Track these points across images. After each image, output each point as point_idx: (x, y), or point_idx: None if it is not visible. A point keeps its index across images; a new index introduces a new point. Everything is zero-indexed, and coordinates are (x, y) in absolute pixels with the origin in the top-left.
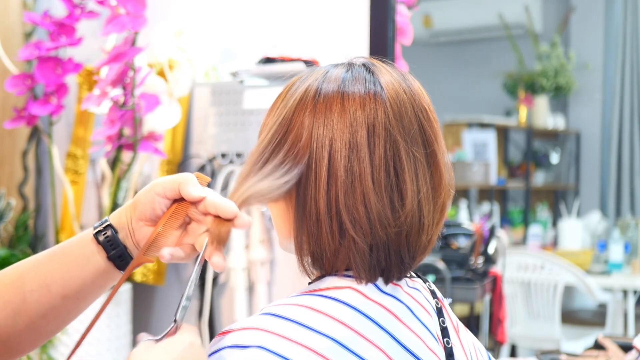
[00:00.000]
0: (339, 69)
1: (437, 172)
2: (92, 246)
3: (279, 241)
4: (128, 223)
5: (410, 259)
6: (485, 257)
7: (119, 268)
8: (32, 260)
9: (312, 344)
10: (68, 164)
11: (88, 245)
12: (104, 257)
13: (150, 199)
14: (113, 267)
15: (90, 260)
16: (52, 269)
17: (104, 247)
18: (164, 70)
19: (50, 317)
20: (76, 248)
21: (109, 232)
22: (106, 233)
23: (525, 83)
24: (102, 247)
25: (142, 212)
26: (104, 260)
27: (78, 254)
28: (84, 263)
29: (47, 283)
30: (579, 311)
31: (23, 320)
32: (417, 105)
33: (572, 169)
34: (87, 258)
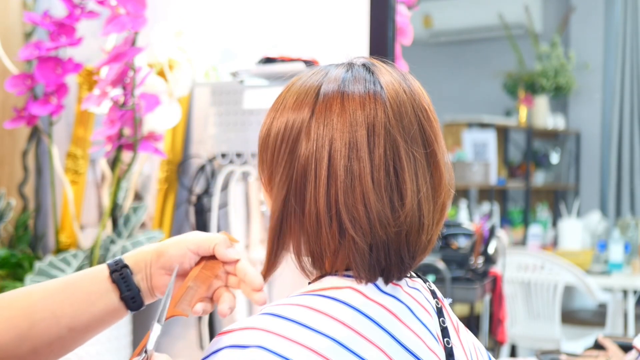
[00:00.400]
0: (339, 69)
1: (437, 172)
2: (106, 284)
3: None
4: (146, 267)
5: (410, 258)
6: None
7: (130, 309)
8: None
9: (312, 343)
10: (68, 164)
11: (102, 282)
12: (117, 296)
13: (181, 253)
14: (124, 307)
15: (103, 298)
16: (63, 301)
17: (119, 286)
18: (164, 70)
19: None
20: (89, 283)
21: (124, 272)
22: (122, 273)
23: (525, 83)
24: (116, 285)
25: (168, 262)
26: (117, 299)
27: (91, 290)
28: (96, 299)
29: (57, 314)
30: (579, 311)
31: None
32: (417, 105)
33: (572, 169)
34: (99, 295)
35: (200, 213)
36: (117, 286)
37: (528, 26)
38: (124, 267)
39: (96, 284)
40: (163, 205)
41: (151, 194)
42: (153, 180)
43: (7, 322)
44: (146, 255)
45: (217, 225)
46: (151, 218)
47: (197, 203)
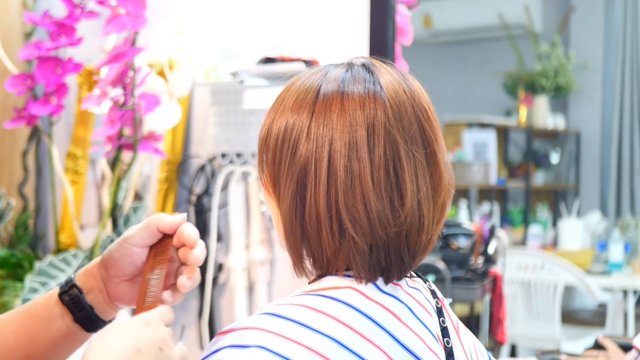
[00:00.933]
0: (338, 69)
1: (437, 171)
2: (57, 308)
3: (279, 241)
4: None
5: (410, 258)
6: (485, 257)
7: (86, 329)
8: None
9: (312, 343)
10: (68, 164)
11: (53, 307)
12: (69, 319)
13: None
14: (80, 328)
15: (55, 323)
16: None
17: (69, 309)
18: (164, 70)
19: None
20: (41, 309)
21: (73, 293)
22: (71, 294)
23: (525, 83)
24: (67, 308)
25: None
26: (70, 322)
27: (42, 316)
28: (48, 325)
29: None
30: (579, 311)
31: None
32: (417, 105)
33: (572, 169)
34: (51, 320)
35: (200, 213)
36: (67, 309)
37: (528, 26)
38: (72, 287)
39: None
40: (163, 205)
41: (151, 194)
42: (153, 180)
43: None
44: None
45: (217, 225)
46: None
47: (197, 203)
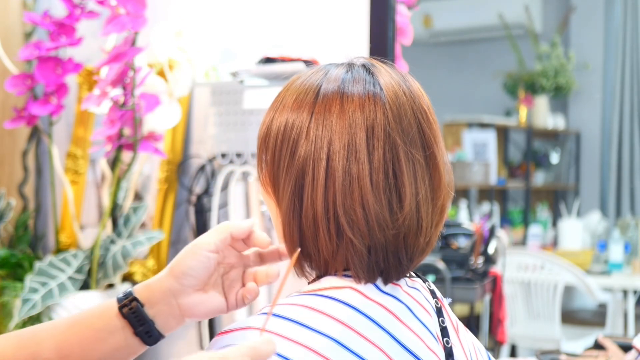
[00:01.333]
0: (339, 69)
1: (437, 174)
2: (117, 320)
3: (278, 241)
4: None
5: (408, 260)
6: (485, 257)
7: (147, 344)
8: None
9: (312, 343)
10: (68, 164)
11: (112, 319)
12: (130, 332)
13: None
14: (138, 342)
15: (114, 335)
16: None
17: (131, 323)
18: (164, 70)
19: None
20: (98, 320)
21: (134, 305)
22: (131, 307)
23: (525, 83)
24: (127, 322)
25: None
26: (131, 335)
27: (100, 327)
28: (106, 337)
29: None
30: (579, 311)
31: None
32: (417, 107)
33: (572, 169)
34: (109, 332)
35: (200, 213)
36: (128, 322)
37: (528, 26)
38: (134, 301)
39: (105, 320)
40: (163, 205)
41: (151, 194)
42: (153, 180)
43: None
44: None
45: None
46: (151, 218)
47: (197, 203)
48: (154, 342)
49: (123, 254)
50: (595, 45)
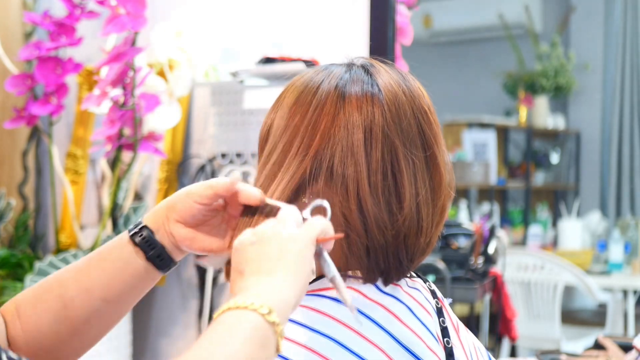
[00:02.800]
0: (338, 69)
1: (437, 174)
2: (130, 248)
3: None
4: (164, 224)
5: (408, 261)
6: (485, 257)
7: (158, 268)
8: (72, 267)
9: (312, 343)
10: (68, 164)
11: (125, 247)
12: (142, 258)
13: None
14: (153, 267)
15: (130, 263)
16: (91, 274)
17: (142, 248)
18: (164, 70)
19: (94, 322)
20: (113, 252)
21: (144, 232)
22: (142, 234)
23: (525, 83)
24: (139, 248)
25: (181, 216)
26: (143, 261)
27: (116, 257)
28: (123, 266)
29: (88, 288)
30: (579, 311)
31: (66, 327)
32: (417, 107)
33: (572, 169)
34: (125, 261)
35: None
36: (140, 248)
37: (528, 26)
38: (143, 228)
39: (120, 250)
40: None
41: (151, 194)
42: (153, 180)
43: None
44: (161, 213)
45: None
46: None
47: None
48: (166, 266)
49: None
50: (595, 45)
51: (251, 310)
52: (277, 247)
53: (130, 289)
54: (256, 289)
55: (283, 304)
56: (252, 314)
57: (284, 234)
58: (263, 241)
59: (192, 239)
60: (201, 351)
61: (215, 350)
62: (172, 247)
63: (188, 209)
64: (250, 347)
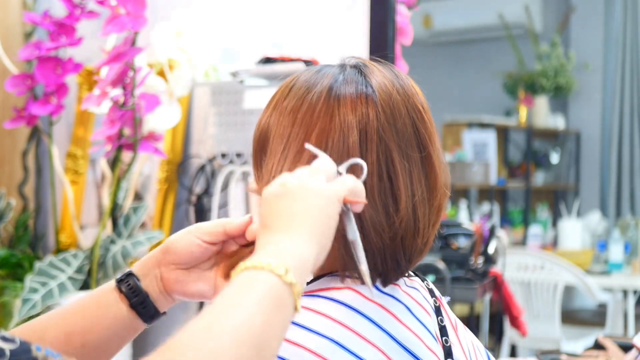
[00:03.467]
0: (331, 70)
1: (433, 174)
2: (114, 295)
3: None
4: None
5: (406, 262)
6: (485, 257)
7: (141, 315)
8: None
9: (310, 344)
10: (68, 164)
11: (110, 294)
12: (126, 304)
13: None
14: (135, 315)
15: (111, 309)
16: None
17: (126, 295)
18: (164, 70)
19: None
20: (97, 298)
21: (131, 280)
22: (128, 282)
23: (525, 83)
24: (123, 295)
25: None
26: (126, 308)
27: (100, 304)
28: (105, 312)
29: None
30: (579, 311)
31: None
32: (411, 106)
33: (572, 169)
34: (107, 307)
35: (200, 213)
36: (124, 295)
37: (528, 26)
38: (129, 275)
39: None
40: (163, 205)
41: (151, 194)
42: (153, 180)
43: None
44: (151, 258)
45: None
46: (151, 218)
47: (197, 203)
48: (149, 316)
49: (123, 254)
50: (595, 45)
51: (268, 271)
52: (301, 202)
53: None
54: (275, 247)
55: (301, 264)
56: (268, 274)
57: (312, 187)
58: (289, 194)
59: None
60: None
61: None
62: (158, 294)
63: (188, 246)
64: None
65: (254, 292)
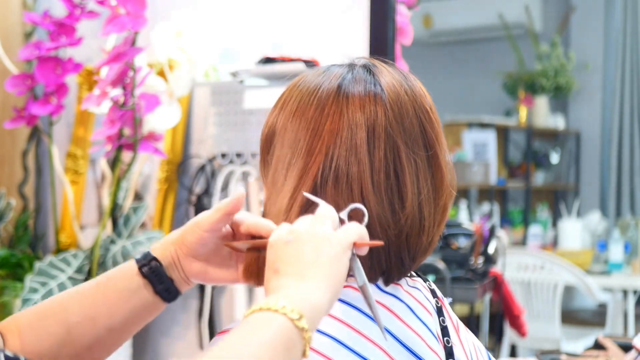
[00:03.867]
0: (340, 69)
1: (439, 173)
2: (138, 279)
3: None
4: (175, 259)
5: (410, 260)
6: (485, 257)
7: (165, 299)
8: (75, 291)
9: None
10: (68, 164)
11: (133, 278)
12: (150, 290)
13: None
14: (159, 299)
15: (136, 294)
16: (96, 302)
17: (150, 281)
18: (164, 70)
19: (95, 349)
20: (120, 281)
21: (153, 265)
22: (151, 266)
23: (525, 83)
24: (148, 280)
25: (192, 250)
26: (151, 294)
27: (123, 287)
28: (129, 296)
29: (92, 316)
30: (579, 311)
31: (67, 351)
32: (419, 107)
33: (572, 169)
34: (132, 292)
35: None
36: (148, 281)
37: (528, 26)
38: (153, 260)
39: (127, 280)
40: (163, 205)
41: (151, 194)
42: (153, 180)
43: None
44: (170, 247)
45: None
46: (151, 218)
47: (197, 203)
48: (172, 299)
49: (123, 254)
50: (595, 45)
51: (281, 314)
52: (312, 249)
53: (134, 319)
54: (288, 292)
55: (314, 310)
56: (282, 317)
57: (321, 234)
58: (299, 241)
59: (204, 273)
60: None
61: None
62: (181, 280)
63: (199, 239)
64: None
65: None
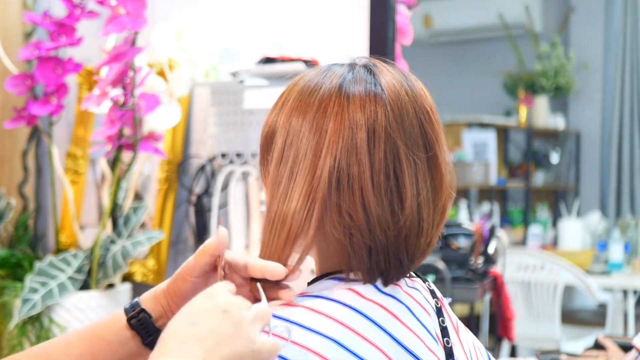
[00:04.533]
0: (340, 69)
1: (438, 174)
2: (126, 332)
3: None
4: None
5: (409, 261)
6: (485, 257)
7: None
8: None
9: (311, 344)
10: (68, 164)
11: (122, 330)
12: (138, 342)
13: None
14: (148, 350)
15: (124, 346)
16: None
17: (139, 334)
18: (164, 70)
19: None
20: (108, 332)
21: (142, 317)
22: (140, 319)
23: (525, 83)
24: (136, 332)
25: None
26: (139, 346)
27: (111, 339)
28: (117, 348)
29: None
30: (579, 311)
31: None
32: (419, 107)
33: (572, 169)
34: (119, 343)
35: (200, 213)
36: (137, 333)
37: (528, 26)
38: (141, 312)
39: (115, 332)
40: (163, 205)
41: (151, 194)
42: (153, 180)
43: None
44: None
45: (217, 225)
46: (151, 218)
47: (197, 203)
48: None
49: (123, 254)
50: (595, 45)
51: None
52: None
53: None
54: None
55: None
56: None
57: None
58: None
59: None
60: None
61: None
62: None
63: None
64: None
65: None
